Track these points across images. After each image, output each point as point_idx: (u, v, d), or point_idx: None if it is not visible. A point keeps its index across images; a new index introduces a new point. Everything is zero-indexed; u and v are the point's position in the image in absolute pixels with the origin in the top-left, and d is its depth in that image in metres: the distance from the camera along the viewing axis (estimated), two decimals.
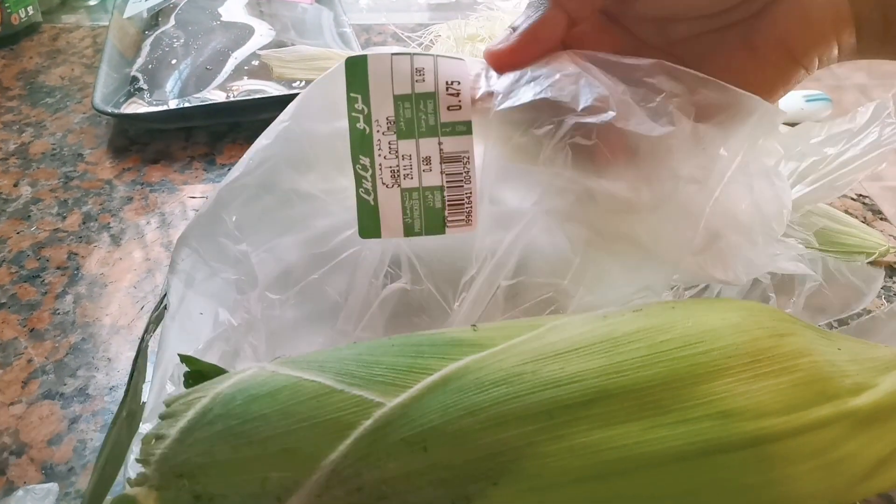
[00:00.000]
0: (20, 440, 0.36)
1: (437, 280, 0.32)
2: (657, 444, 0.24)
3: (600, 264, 0.31)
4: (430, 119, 0.29)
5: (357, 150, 0.30)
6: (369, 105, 0.29)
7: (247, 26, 0.70)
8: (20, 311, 0.44)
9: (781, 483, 0.24)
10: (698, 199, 0.30)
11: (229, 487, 0.25)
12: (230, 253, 0.33)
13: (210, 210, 0.33)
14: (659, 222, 0.30)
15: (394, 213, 0.30)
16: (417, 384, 0.25)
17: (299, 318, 0.33)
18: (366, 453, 0.24)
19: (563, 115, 0.29)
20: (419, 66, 0.29)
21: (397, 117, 0.29)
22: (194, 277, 0.33)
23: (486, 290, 0.31)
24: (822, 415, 0.25)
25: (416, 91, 0.29)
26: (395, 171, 0.30)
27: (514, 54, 0.31)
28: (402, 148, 0.29)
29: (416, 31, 0.66)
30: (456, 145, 0.30)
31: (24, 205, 0.53)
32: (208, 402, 0.26)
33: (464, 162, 0.30)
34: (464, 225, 0.30)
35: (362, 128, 0.29)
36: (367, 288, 0.32)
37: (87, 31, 0.79)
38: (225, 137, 0.61)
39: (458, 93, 0.29)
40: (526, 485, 0.24)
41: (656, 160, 0.29)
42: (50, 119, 0.63)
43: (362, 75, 0.29)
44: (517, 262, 0.31)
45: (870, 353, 0.27)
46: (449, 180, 0.30)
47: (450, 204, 0.30)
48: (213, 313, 0.33)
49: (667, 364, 0.25)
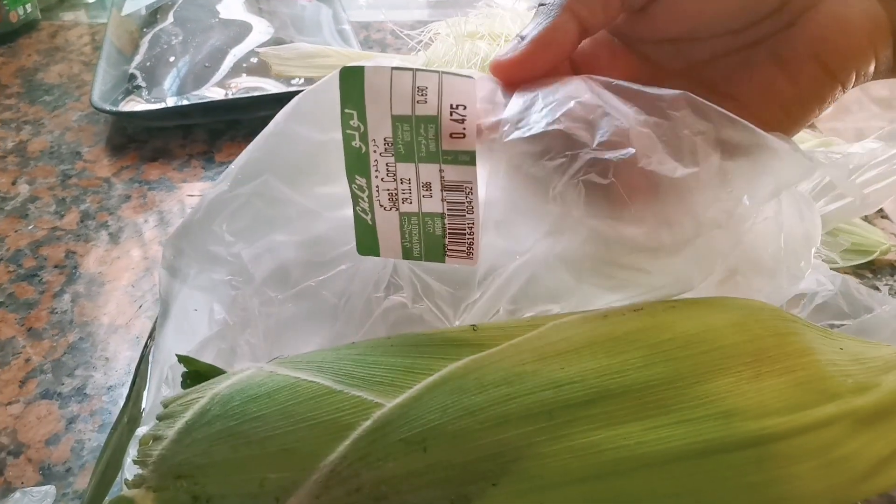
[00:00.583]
0: (18, 440, 0.36)
1: (437, 300, 0.31)
2: (658, 444, 0.24)
3: (598, 293, 0.30)
4: (430, 145, 0.27)
5: (353, 170, 0.27)
6: (365, 123, 0.27)
7: (245, 23, 0.70)
8: (18, 309, 0.44)
9: (783, 482, 0.24)
10: (720, 244, 0.28)
11: (228, 488, 0.25)
12: (222, 257, 0.32)
13: (199, 220, 0.32)
14: (673, 263, 0.28)
15: (392, 235, 0.28)
16: (417, 384, 0.25)
17: (298, 316, 0.33)
18: (365, 454, 0.24)
19: (577, 148, 0.26)
20: (421, 85, 0.26)
21: (395, 139, 0.27)
22: (188, 273, 0.33)
23: (487, 312, 0.30)
24: (824, 414, 0.25)
25: (417, 113, 0.26)
26: (393, 195, 0.28)
27: (524, 64, 0.29)
28: (400, 171, 0.27)
29: (416, 28, 0.66)
30: (458, 174, 0.27)
31: (22, 203, 0.53)
32: (206, 403, 0.25)
33: (466, 192, 0.27)
34: (464, 258, 0.28)
35: (358, 146, 0.27)
36: (368, 297, 0.31)
37: (85, 29, 0.79)
38: (224, 135, 0.61)
39: (464, 119, 0.26)
40: (526, 485, 0.24)
41: (677, 202, 0.27)
42: (48, 117, 0.63)
43: (358, 89, 0.26)
44: (518, 288, 0.30)
45: (872, 353, 0.27)
46: (450, 208, 0.28)
47: (451, 232, 0.28)
48: (208, 310, 0.32)
49: (668, 363, 0.25)
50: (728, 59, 0.30)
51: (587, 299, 0.30)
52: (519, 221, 0.30)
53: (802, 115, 0.29)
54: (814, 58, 0.28)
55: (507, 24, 0.57)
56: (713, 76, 0.30)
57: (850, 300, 0.34)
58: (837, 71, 0.28)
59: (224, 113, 0.62)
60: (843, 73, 0.28)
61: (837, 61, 0.28)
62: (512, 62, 0.29)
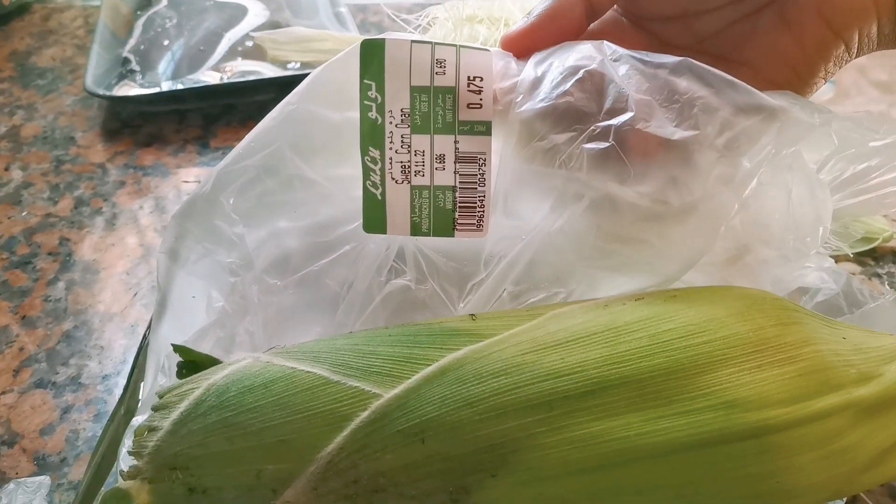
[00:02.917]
0: (12, 430, 0.36)
1: (442, 280, 0.31)
2: (659, 435, 0.23)
3: (601, 274, 0.30)
4: (447, 115, 0.28)
5: (367, 141, 0.28)
6: (384, 94, 0.28)
7: (240, 6, 0.69)
8: (11, 297, 0.43)
9: (784, 473, 0.24)
10: (725, 206, 0.28)
11: (224, 479, 0.24)
12: (225, 235, 0.32)
13: (208, 191, 0.32)
14: (678, 232, 0.29)
15: (401, 210, 0.29)
16: (415, 375, 0.24)
17: (297, 305, 0.33)
18: (362, 445, 0.24)
19: (585, 121, 0.27)
20: (440, 58, 0.27)
21: (413, 110, 0.28)
22: (187, 258, 0.32)
23: (492, 294, 0.30)
24: (826, 405, 0.24)
25: (435, 84, 0.27)
26: (405, 167, 0.28)
27: (531, 35, 0.30)
28: (415, 143, 0.28)
29: (413, 11, 0.65)
30: (473, 145, 0.28)
31: (15, 189, 0.52)
32: (202, 394, 0.25)
33: (479, 163, 0.28)
34: (474, 230, 0.29)
35: (374, 118, 0.28)
36: (370, 282, 0.31)
37: (78, 11, 0.78)
38: (219, 120, 0.60)
39: (480, 90, 0.28)
40: (525, 476, 0.24)
41: (681, 164, 0.28)
42: (41, 101, 0.63)
43: (378, 61, 0.27)
44: (523, 268, 0.30)
45: (874, 342, 0.27)
46: (462, 181, 0.29)
47: (461, 206, 0.29)
48: (207, 297, 0.32)
49: (669, 354, 0.25)
50: (735, 28, 0.31)
51: (590, 283, 0.30)
52: (526, 193, 0.30)
53: (811, 75, 0.30)
54: (818, 15, 0.29)
55: (507, 7, 0.56)
56: (722, 46, 0.31)
57: (852, 300, 0.34)
58: (840, 29, 0.29)
59: (219, 97, 0.61)
60: (846, 31, 0.29)
61: (840, 19, 0.29)
62: (519, 34, 0.30)
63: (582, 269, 0.30)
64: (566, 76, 0.28)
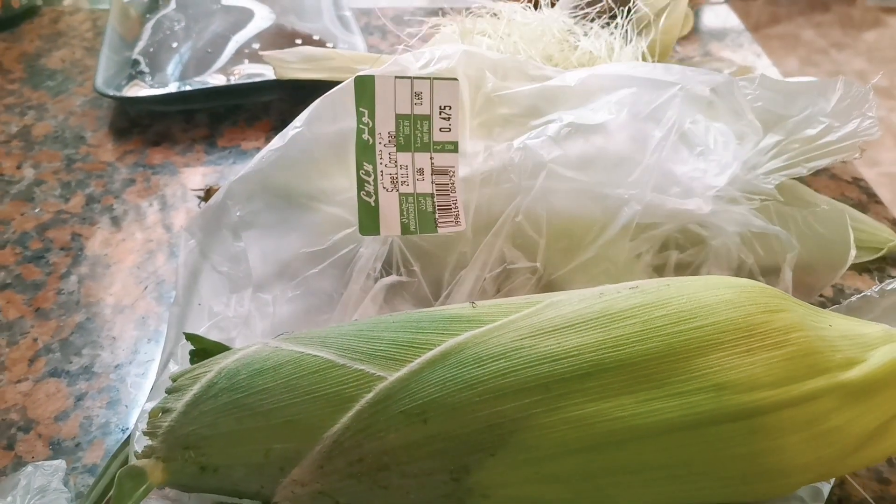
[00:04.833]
0: (28, 416, 0.37)
1: (426, 277, 0.36)
2: (652, 416, 0.24)
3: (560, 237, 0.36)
4: (424, 137, 0.34)
5: (361, 157, 0.33)
6: (374, 119, 0.33)
7: (247, 10, 0.70)
8: (25, 291, 0.45)
9: (772, 453, 0.25)
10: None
11: (234, 458, 0.25)
12: (229, 246, 0.35)
13: (218, 200, 0.35)
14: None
15: (392, 213, 0.33)
16: (418, 358, 0.25)
17: (295, 313, 0.35)
18: (367, 425, 0.24)
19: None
20: (418, 91, 0.34)
21: (397, 133, 0.34)
22: (199, 270, 0.35)
23: (473, 285, 0.36)
24: (813, 387, 0.25)
25: (415, 112, 0.34)
26: (394, 178, 0.33)
27: None
28: (400, 159, 0.34)
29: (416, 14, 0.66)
30: (445, 161, 0.34)
31: (28, 187, 0.53)
32: (213, 377, 0.26)
33: (450, 175, 0.35)
34: (453, 225, 0.34)
35: (367, 139, 0.33)
36: (363, 283, 0.35)
37: (87, 15, 0.79)
38: (225, 120, 0.61)
39: (449, 117, 0.34)
40: (523, 456, 0.24)
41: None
42: (51, 102, 0.64)
43: (370, 93, 0.33)
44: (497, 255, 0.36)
45: (860, 330, 0.28)
46: (438, 189, 0.34)
47: (439, 208, 0.34)
48: (208, 306, 0.34)
49: (661, 339, 0.26)
50: None
51: (548, 246, 0.36)
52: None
53: None
54: None
55: (515, 22, 0.56)
56: None
57: (809, 244, 0.38)
58: None
59: (226, 98, 0.62)
60: None
61: None
62: None
63: (542, 244, 0.36)
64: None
